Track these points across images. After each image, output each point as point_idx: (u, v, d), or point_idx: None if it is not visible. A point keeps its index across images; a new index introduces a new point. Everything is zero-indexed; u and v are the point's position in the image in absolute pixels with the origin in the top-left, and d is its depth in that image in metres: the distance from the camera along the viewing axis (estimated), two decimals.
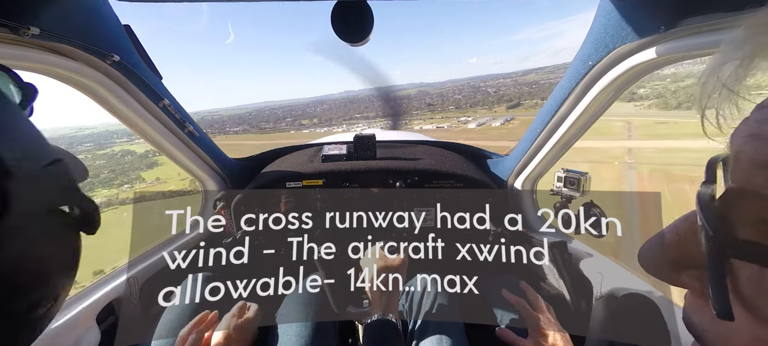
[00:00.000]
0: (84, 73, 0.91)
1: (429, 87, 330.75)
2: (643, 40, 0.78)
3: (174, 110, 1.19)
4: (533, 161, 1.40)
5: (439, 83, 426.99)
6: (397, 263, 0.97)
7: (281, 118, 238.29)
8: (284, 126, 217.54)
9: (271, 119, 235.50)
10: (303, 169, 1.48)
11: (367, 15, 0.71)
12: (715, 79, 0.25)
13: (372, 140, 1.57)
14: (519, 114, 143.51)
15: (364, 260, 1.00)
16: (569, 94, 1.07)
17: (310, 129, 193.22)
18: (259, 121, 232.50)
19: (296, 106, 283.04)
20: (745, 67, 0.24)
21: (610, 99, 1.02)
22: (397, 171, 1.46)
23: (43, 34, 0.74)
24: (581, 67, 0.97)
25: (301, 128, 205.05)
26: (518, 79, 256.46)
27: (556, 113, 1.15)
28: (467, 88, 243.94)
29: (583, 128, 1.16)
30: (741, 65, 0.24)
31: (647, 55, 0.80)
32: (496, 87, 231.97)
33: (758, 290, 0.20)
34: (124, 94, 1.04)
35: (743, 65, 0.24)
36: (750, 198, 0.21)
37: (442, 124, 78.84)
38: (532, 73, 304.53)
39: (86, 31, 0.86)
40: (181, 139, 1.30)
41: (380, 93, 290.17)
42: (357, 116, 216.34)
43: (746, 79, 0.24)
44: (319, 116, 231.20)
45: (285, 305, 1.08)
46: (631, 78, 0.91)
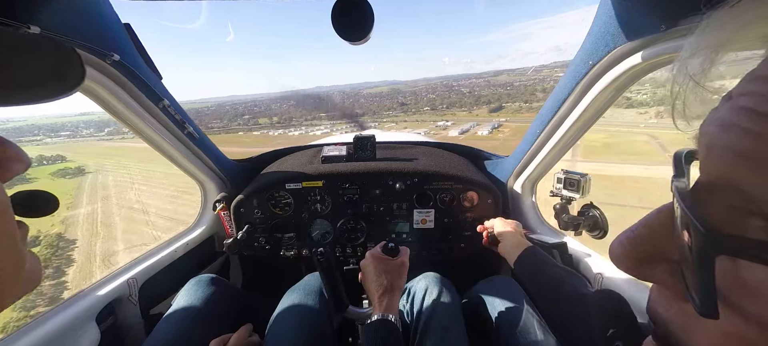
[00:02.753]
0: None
1: (402, 85, 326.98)
2: (643, 39, 0.79)
3: (174, 111, 1.19)
4: (533, 162, 1.40)
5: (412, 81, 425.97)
6: (397, 264, 0.97)
7: (239, 115, 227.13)
8: (236, 126, 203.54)
9: (226, 117, 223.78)
10: (303, 171, 1.47)
11: (368, 13, 0.71)
12: (684, 72, 0.26)
13: (372, 141, 1.57)
14: (506, 119, 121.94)
15: (365, 261, 1.00)
16: (569, 94, 1.07)
17: (264, 130, 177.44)
18: (211, 119, 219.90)
19: (262, 101, 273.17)
20: (710, 60, 0.24)
21: (610, 99, 1.02)
22: (397, 172, 1.46)
23: (43, 33, 0.74)
24: (581, 66, 0.97)
25: (253, 128, 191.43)
26: (490, 80, 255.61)
27: (556, 113, 1.15)
28: (441, 87, 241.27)
29: (583, 128, 1.16)
30: (706, 58, 0.24)
31: (647, 54, 0.80)
32: (469, 87, 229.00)
33: (733, 284, 0.20)
34: (123, 94, 1.04)
35: (709, 58, 0.24)
36: (724, 190, 0.21)
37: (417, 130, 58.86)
38: (504, 73, 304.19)
39: (86, 30, 0.86)
40: (181, 140, 1.30)
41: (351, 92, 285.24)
42: (322, 115, 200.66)
43: (711, 71, 0.24)
44: (279, 115, 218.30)
45: (284, 305, 1.08)
46: (632, 78, 0.91)
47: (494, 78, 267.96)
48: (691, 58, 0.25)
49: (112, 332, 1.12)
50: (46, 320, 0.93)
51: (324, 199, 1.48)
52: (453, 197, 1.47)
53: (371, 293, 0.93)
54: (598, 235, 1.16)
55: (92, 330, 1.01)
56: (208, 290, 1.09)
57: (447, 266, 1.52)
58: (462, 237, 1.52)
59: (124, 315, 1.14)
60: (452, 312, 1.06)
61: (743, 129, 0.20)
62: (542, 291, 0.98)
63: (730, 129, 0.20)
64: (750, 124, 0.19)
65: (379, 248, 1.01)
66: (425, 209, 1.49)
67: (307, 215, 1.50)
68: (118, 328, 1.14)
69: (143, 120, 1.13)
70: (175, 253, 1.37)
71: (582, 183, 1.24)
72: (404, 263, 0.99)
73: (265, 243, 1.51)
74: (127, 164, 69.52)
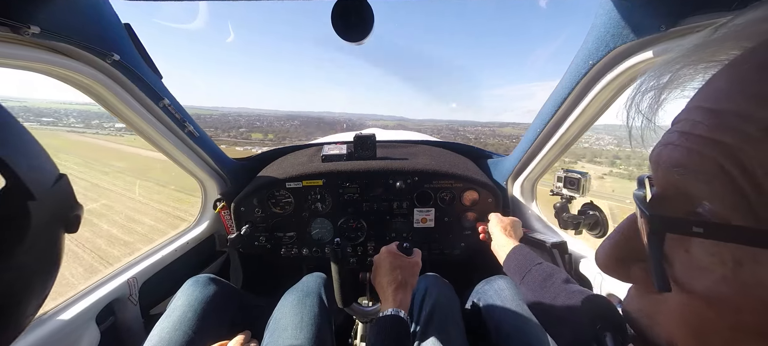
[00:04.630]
0: (84, 72, 0.91)
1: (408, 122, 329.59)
2: (643, 39, 0.78)
3: (174, 110, 1.19)
4: (533, 161, 1.40)
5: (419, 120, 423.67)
6: (411, 262, 0.97)
7: (235, 127, 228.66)
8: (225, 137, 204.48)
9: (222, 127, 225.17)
10: (303, 170, 1.47)
11: (367, 14, 0.71)
12: (635, 109, 0.31)
13: (372, 140, 1.57)
14: None
15: (379, 255, 0.99)
16: (569, 94, 1.07)
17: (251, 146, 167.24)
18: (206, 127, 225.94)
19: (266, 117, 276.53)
20: (656, 101, 0.29)
21: (610, 99, 1.02)
22: (398, 171, 1.46)
23: (43, 33, 0.74)
24: (581, 66, 0.97)
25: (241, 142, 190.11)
26: (495, 130, 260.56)
27: (556, 113, 1.15)
28: (446, 130, 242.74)
29: (583, 128, 1.16)
30: (654, 99, 0.29)
31: (647, 54, 0.80)
32: (475, 134, 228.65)
33: (682, 265, 0.25)
34: (123, 93, 1.04)
35: (656, 99, 0.29)
36: (671, 195, 0.27)
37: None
38: (509, 126, 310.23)
39: (86, 30, 0.86)
40: (181, 138, 1.30)
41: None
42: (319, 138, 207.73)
43: (659, 111, 0.29)
44: (276, 132, 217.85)
45: (282, 306, 1.08)
46: (632, 78, 0.91)
47: (500, 129, 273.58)
48: (641, 97, 0.30)
49: (112, 333, 1.12)
50: (45, 320, 0.93)
51: (324, 198, 1.48)
52: (453, 195, 1.48)
53: (383, 288, 0.92)
54: (598, 234, 1.16)
55: (92, 331, 1.02)
56: (206, 290, 1.08)
57: (447, 265, 1.52)
58: (462, 236, 1.52)
59: (124, 315, 1.14)
60: (451, 313, 1.06)
61: (675, 145, 0.26)
62: (529, 287, 0.99)
63: (668, 146, 0.26)
64: (680, 141, 0.25)
65: (394, 245, 1.02)
66: (425, 207, 1.50)
67: (308, 214, 1.50)
68: (118, 328, 1.14)
69: (144, 119, 1.13)
70: (175, 252, 1.37)
71: (582, 182, 1.24)
72: (418, 263, 0.99)
73: (265, 242, 1.51)
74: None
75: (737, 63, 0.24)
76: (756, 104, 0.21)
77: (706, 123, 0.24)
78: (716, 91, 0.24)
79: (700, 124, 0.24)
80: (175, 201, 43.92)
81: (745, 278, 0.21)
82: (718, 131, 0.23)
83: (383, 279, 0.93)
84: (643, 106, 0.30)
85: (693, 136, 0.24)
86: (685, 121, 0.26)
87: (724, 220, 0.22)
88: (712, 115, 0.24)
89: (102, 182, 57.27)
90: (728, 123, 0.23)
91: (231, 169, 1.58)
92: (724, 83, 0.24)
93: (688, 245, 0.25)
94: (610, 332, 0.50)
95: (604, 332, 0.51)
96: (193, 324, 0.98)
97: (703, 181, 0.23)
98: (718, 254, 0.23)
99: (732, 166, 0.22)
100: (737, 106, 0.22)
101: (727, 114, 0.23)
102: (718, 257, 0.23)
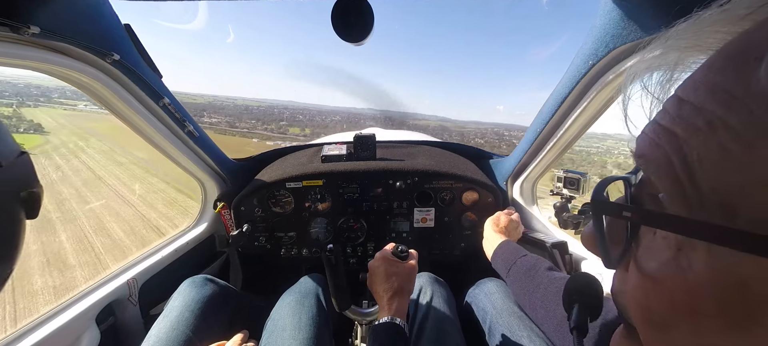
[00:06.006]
0: (84, 72, 0.91)
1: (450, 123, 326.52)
2: (643, 39, 0.78)
3: (174, 109, 1.19)
4: (533, 162, 1.40)
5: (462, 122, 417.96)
6: (407, 268, 0.95)
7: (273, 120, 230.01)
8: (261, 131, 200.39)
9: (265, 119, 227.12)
10: (303, 170, 1.47)
11: (367, 14, 0.71)
12: (640, 85, 0.30)
13: (372, 140, 1.57)
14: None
15: (374, 262, 0.97)
16: (569, 94, 1.07)
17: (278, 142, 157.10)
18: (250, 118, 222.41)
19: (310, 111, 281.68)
20: (668, 78, 0.28)
21: (610, 99, 1.02)
22: (397, 171, 1.46)
23: (43, 33, 0.74)
24: (581, 66, 0.97)
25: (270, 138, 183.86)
26: None
27: (556, 113, 1.15)
28: (490, 133, 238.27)
29: (583, 128, 1.16)
30: (665, 75, 0.28)
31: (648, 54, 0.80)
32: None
33: (638, 249, 0.28)
34: (123, 93, 1.04)
35: (666, 76, 0.28)
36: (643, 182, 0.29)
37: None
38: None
39: (86, 30, 0.86)
40: (181, 138, 1.30)
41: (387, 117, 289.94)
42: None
43: (670, 89, 0.28)
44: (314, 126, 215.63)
45: (281, 307, 1.08)
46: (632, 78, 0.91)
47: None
48: (650, 73, 0.30)
49: (112, 333, 1.12)
50: (45, 321, 0.93)
51: (324, 198, 1.48)
52: (453, 195, 1.48)
53: (379, 295, 0.91)
54: None
55: (92, 331, 1.01)
56: (203, 291, 1.08)
57: (447, 265, 1.52)
58: (462, 236, 1.52)
59: (124, 316, 1.14)
60: (448, 314, 1.06)
61: (645, 135, 0.26)
62: (514, 279, 0.99)
63: (641, 135, 0.27)
64: (653, 134, 0.25)
65: (389, 249, 0.99)
66: (425, 207, 1.50)
67: (308, 214, 1.50)
68: (118, 329, 1.14)
69: (144, 119, 1.13)
70: (174, 253, 1.37)
71: (582, 182, 1.24)
72: (414, 267, 0.97)
73: (265, 242, 1.51)
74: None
75: (717, 52, 0.23)
76: (711, 96, 0.21)
77: (672, 113, 0.24)
78: (691, 80, 0.24)
79: (667, 115, 0.25)
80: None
81: (682, 263, 0.23)
82: (676, 122, 0.23)
83: (379, 287, 0.91)
84: (651, 83, 0.30)
85: (658, 126, 0.25)
86: (662, 111, 0.26)
87: (675, 211, 0.23)
88: (679, 105, 0.24)
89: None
90: (684, 115, 0.23)
91: (231, 170, 1.58)
92: (698, 73, 0.24)
93: (655, 232, 0.26)
94: (579, 304, 0.51)
95: (573, 305, 0.52)
96: (190, 324, 0.98)
97: (653, 172, 0.25)
98: (667, 240, 0.24)
99: (676, 158, 0.22)
100: (697, 97, 0.22)
101: (687, 105, 0.23)
102: (666, 242, 0.24)
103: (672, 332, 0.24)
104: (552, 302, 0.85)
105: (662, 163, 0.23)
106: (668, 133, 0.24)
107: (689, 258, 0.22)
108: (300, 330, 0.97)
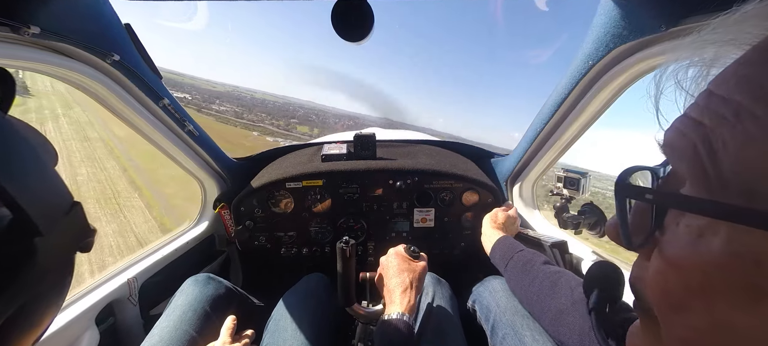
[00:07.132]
0: (84, 72, 0.91)
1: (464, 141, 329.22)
2: (643, 39, 0.78)
3: (174, 109, 1.19)
4: (533, 161, 1.40)
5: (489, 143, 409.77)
6: (419, 267, 0.97)
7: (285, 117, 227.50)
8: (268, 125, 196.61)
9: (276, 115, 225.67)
10: (303, 169, 1.47)
11: (367, 14, 0.71)
12: (674, 80, 0.30)
13: (372, 140, 1.57)
14: None
15: (386, 257, 0.99)
16: (569, 94, 1.07)
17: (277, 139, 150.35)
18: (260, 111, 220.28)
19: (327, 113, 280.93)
20: (703, 75, 0.28)
21: (610, 99, 1.02)
22: (398, 171, 1.46)
23: (43, 33, 0.74)
24: (581, 66, 0.97)
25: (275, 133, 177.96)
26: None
27: (556, 113, 1.15)
28: None
29: (583, 128, 1.16)
30: (700, 72, 0.28)
31: (647, 54, 0.80)
32: None
33: (663, 236, 0.27)
34: (123, 93, 1.04)
35: (702, 73, 0.28)
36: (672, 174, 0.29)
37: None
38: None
39: (86, 31, 0.86)
40: (181, 138, 1.30)
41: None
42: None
43: (704, 85, 0.27)
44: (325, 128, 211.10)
45: (281, 307, 1.08)
46: (632, 78, 0.91)
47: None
48: (685, 68, 0.29)
49: (112, 334, 1.11)
50: None
51: (324, 197, 1.48)
52: (453, 195, 1.48)
53: (391, 290, 0.91)
54: (599, 233, 1.16)
55: (92, 332, 1.01)
56: (206, 289, 1.08)
57: (447, 265, 1.52)
58: (462, 236, 1.52)
59: (124, 316, 1.14)
60: (449, 314, 1.06)
61: (676, 129, 0.26)
62: (512, 274, 1.00)
63: (671, 129, 0.27)
64: (681, 125, 0.26)
65: (401, 247, 1.01)
66: (425, 208, 1.50)
67: (308, 214, 1.50)
68: (118, 329, 1.13)
69: (144, 119, 1.13)
70: (175, 252, 1.37)
71: (582, 182, 1.24)
72: (425, 268, 0.99)
73: (265, 242, 1.51)
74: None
75: (752, 48, 0.24)
76: (740, 87, 0.22)
77: (701, 105, 0.25)
78: (723, 74, 0.24)
79: (697, 107, 0.25)
80: None
81: (701, 247, 0.23)
82: (704, 113, 0.24)
83: (391, 281, 0.92)
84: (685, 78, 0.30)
85: (687, 118, 0.26)
86: (693, 104, 0.26)
87: (698, 195, 0.24)
88: (708, 97, 0.24)
89: None
90: (713, 106, 0.23)
91: (231, 169, 1.58)
92: (731, 67, 0.24)
93: (681, 219, 0.26)
94: (597, 290, 0.52)
95: (592, 290, 0.52)
96: (193, 323, 0.98)
97: (678, 158, 0.26)
98: (690, 227, 0.25)
99: (702, 145, 0.23)
100: (727, 89, 0.23)
101: (716, 97, 0.23)
102: (689, 229, 0.25)
103: (689, 313, 0.24)
104: (547, 296, 0.86)
105: (688, 150, 0.24)
106: (696, 124, 0.24)
107: (709, 242, 0.23)
108: (301, 330, 0.97)
